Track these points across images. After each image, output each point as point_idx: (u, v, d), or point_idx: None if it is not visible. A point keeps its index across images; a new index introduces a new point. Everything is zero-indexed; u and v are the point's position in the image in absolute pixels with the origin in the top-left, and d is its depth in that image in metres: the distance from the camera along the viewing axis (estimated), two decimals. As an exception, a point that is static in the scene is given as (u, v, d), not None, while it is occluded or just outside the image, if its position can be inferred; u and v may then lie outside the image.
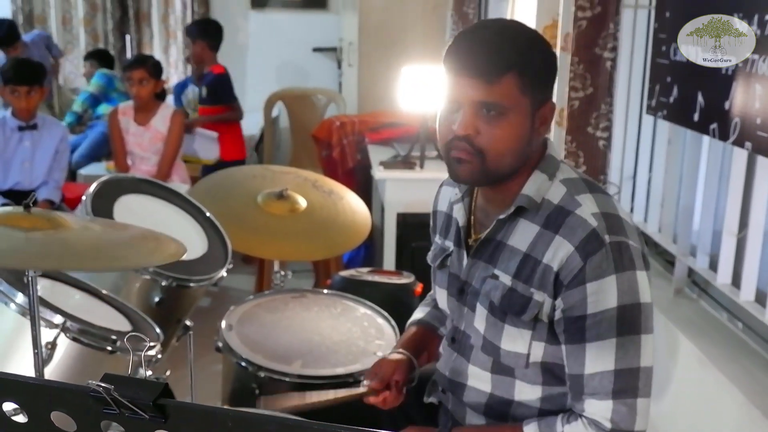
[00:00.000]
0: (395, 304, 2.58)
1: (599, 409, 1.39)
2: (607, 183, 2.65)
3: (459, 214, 1.59)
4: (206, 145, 4.77)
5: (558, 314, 1.42)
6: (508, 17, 3.54)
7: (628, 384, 1.38)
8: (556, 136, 2.67)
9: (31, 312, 1.38)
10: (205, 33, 4.92)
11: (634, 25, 2.74)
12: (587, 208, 1.41)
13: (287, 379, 2.02)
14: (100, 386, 0.69)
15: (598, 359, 1.38)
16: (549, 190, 1.46)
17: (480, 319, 1.53)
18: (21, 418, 0.80)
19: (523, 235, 1.46)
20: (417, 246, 3.72)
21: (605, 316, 1.36)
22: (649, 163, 2.74)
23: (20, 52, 5.51)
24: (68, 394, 0.74)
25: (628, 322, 1.37)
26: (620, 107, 2.77)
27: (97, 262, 1.42)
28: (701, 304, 2.39)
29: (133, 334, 0.98)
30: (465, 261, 1.57)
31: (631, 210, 2.81)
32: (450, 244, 1.63)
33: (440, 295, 1.69)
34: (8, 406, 0.80)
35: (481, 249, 1.53)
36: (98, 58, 5.90)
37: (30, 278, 1.34)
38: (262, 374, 2.03)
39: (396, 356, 1.76)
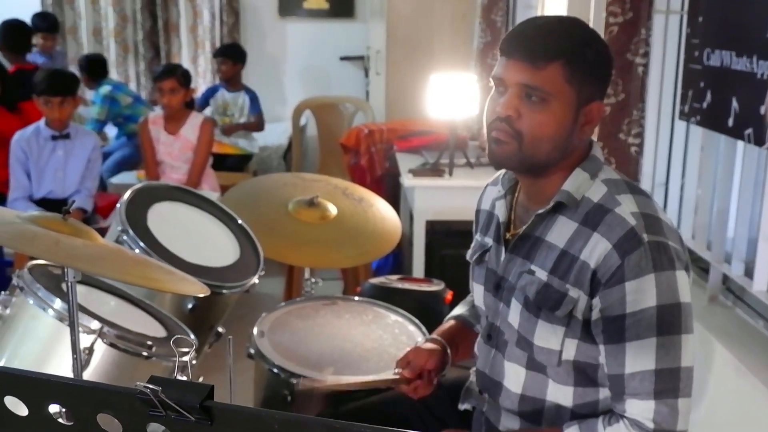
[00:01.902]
0: (425, 311, 2.58)
1: (641, 409, 1.38)
2: (640, 189, 2.63)
3: (500, 211, 1.61)
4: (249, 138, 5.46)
5: (596, 314, 1.41)
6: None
7: (670, 384, 1.37)
8: (588, 142, 2.65)
9: (70, 317, 1.40)
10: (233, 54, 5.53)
11: (666, 31, 2.72)
12: (627, 207, 1.41)
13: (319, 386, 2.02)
14: (148, 388, 0.70)
15: (638, 359, 1.37)
16: (590, 189, 1.47)
17: (514, 314, 1.53)
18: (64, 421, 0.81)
19: (561, 232, 1.46)
20: (446, 254, 3.72)
21: (644, 315, 1.36)
22: (682, 169, 2.72)
23: (53, 46, 5.72)
24: (115, 396, 0.74)
25: (668, 321, 1.36)
26: (652, 113, 2.75)
27: (130, 277, 1.43)
28: (736, 312, 2.36)
29: (179, 336, 0.99)
30: (503, 256, 1.58)
31: (664, 217, 2.77)
32: (489, 240, 1.65)
33: (477, 291, 1.69)
34: (54, 409, 0.81)
35: (519, 244, 1.54)
36: (89, 69, 5.65)
37: (69, 283, 1.36)
38: (294, 381, 2.04)
39: (429, 345, 1.77)
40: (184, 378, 1.67)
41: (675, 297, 1.37)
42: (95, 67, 5.64)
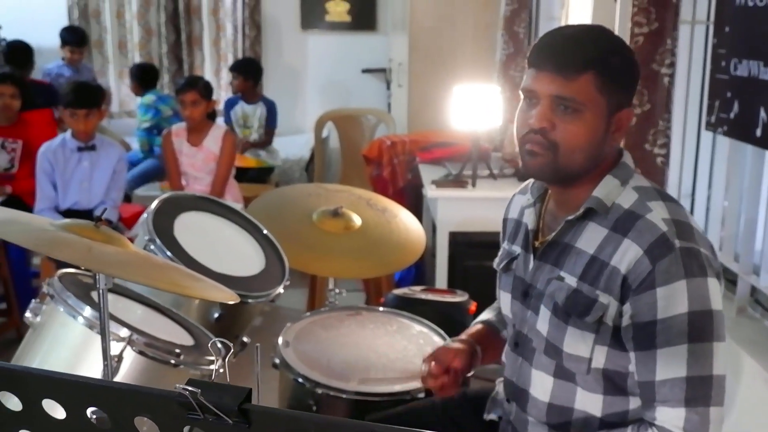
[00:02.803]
0: (449, 322, 2.57)
1: (671, 417, 1.37)
2: (665, 200, 2.61)
3: (529, 219, 1.61)
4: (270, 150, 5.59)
5: (626, 320, 1.40)
6: (560, 35, 3.53)
7: (701, 392, 1.36)
8: (613, 152, 2.65)
9: (101, 324, 1.41)
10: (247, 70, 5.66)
11: (692, 41, 2.71)
12: (658, 213, 1.41)
13: (344, 396, 2.03)
14: (187, 390, 0.70)
15: (669, 366, 1.36)
16: (620, 196, 1.47)
17: (543, 321, 1.53)
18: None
19: (590, 238, 1.46)
20: (469, 265, 3.71)
21: (675, 321, 1.35)
22: (708, 180, 2.70)
23: (79, 59, 5.85)
24: (153, 399, 0.75)
25: (699, 328, 1.35)
26: (678, 123, 2.74)
27: (161, 283, 1.45)
28: (765, 324, 2.33)
29: (219, 339, 0.99)
30: (531, 264, 1.58)
31: (690, 228, 2.76)
32: (517, 248, 1.65)
33: (504, 299, 1.69)
34: (91, 411, 0.82)
35: (548, 251, 1.54)
36: (140, 77, 5.78)
37: (101, 290, 1.37)
38: (319, 391, 2.04)
39: (457, 345, 1.78)
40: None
41: (706, 304, 1.36)
42: (145, 76, 5.75)
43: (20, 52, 5.57)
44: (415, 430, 0.67)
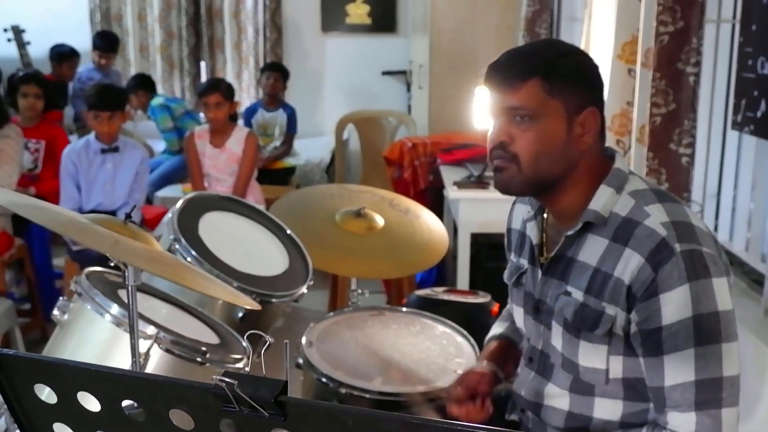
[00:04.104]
0: (472, 323, 2.56)
1: (683, 422, 1.37)
2: (691, 201, 2.59)
3: (533, 232, 1.60)
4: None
5: (633, 328, 1.40)
6: (583, 35, 3.51)
7: (711, 395, 1.35)
8: (638, 153, 2.63)
9: (130, 322, 1.42)
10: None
11: (717, 39, 2.69)
12: (656, 218, 1.40)
13: (368, 396, 2.02)
14: (224, 381, 0.70)
15: (678, 371, 1.35)
16: (617, 204, 1.45)
17: (557, 337, 1.53)
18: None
19: (592, 250, 1.45)
20: (491, 266, 3.70)
21: (681, 326, 1.34)
22: (734, 179, 2.68)
23: (108, 64, 5.92)
24: (188, 392, 0.75)
25: (706, 331, 1.34)
26: (703, 123, 2.71)
27: (187, 280, 1.46)
28: (793, 325, 2.30)
29: (254, 332, 1.00)
30: (539, 278, 1.57)
31: (716, 228, 2.73)
32: (524, 263, 1.64)
33: (517, 314, 1.69)
34: (127, 404, 0.82)
35: (553, 266, 1.53)
36: (143, 85, 5.79)
37: (130, 287, 1.38)
38: (343, 390, 2.03)
39: (480, 368, 1.76)
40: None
41: (712, 305, 1.35)
42: (145, 83, 5.78)
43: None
44: (450, 422, 0.67)
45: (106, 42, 6.02)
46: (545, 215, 1.59)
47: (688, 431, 1.36)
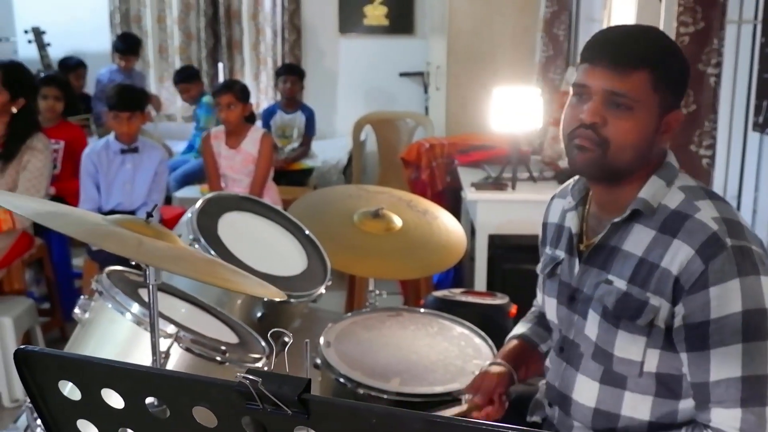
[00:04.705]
0: (490, 325, 2.55)
1: (726, 418, 1.35)
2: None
3: (572, 222, 1.59)
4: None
5: (678, 321, 1.39)
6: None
7: (757, 392, 1.34)
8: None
9: (151, 320, 1.43)
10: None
11: (738, 40, 2.67)
12: (706, 212, 1.39)
13: (386, 396, 2.02)
14: (248, 378, 0.70)
15: (723, 366, 1.34)
16: (666, 196, 1.45)
17: (592, 326, 1.51)
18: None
19: (638, 240, 1.45)
20: (508, 268, 3.69)
21: (729, 321, 1.33)
22: (755, 181, 2.66)
23: (130, 66, 5.94)
24: (212, 389, 0.75)
25: (754, 327, 1.33)
26: (724, 124, 2.70)
27: (211, 278, 1.46)
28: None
29: (278, 330, 1.00)
30: (576, 268, 1.56)
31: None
32: (561, 253, 1.63)
33: (549, 305, 1.68)
34: (150, 401, 0.83)
35: (594, 255, 1.52)
36: (195, 78, 5.91)
37: (151, 286, 1.39)
38: (361, 391, 2.04)
39: (497, 369, 1.76)
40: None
41: (761, 302, 1.34)
42: (192, 78, 5.85)
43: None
44: (474, 421, 0.66)
45: (128, 44, 6.07)
46: (587, 205, 1.59)
47: (732, 428, 1.35)
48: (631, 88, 1.39)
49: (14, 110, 3.48)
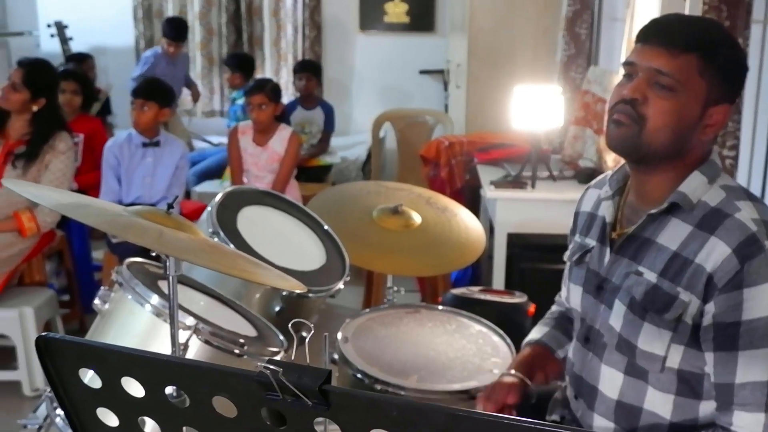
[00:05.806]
0: (508, 323, 2.54)
1: (749, 422, 1.34)
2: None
3: (607, 211, 1.59)
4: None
5: (707, 320, 1.37)
6: (625, 36, 3.48)
7: None
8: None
9: (170, 311, 1.43)
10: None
11: (763, 40, 2.65)
12: (747, 213, 1.38)
13: (403, 393, 2.02)
14: (269, 368, 0.70)
15: (750, 368, 1.33)
16: (707, 193, 1.44)
17: (617, 316, 1.50)
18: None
19: (673, 234, 1.44)
20: (526, 267, 3.67)
21: (761, 323, 1.32)
22: (779, 183, 2.63)
23: (176, 52, 5.90)
24: (232, 379, 0.75)
25: None
26: (748, 125, 2.67)
27: (231, 269, 1.47)
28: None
29: (298, 321, 1.00)
30: (607, 257, 1.55)
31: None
32: (591, 241, 1.63)
33: (574, 292, 1.67)
34: (170, 390, 0.83)
35: (626, 245, 1.52)
36: (243, 66, 5.86)
37: (171, 277, 1.39)
38: (378, 387, 2.03)
39: (508, 379, 1.76)
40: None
41: None
42: (244, 64, 5.84)
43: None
44: (495, 414, 0.66)
45: (173, 30, 5.93)
46: (624, 196, 1.59)
47: None
48: (677, 68, 1.39)
49: (35, 109, 3.50)
